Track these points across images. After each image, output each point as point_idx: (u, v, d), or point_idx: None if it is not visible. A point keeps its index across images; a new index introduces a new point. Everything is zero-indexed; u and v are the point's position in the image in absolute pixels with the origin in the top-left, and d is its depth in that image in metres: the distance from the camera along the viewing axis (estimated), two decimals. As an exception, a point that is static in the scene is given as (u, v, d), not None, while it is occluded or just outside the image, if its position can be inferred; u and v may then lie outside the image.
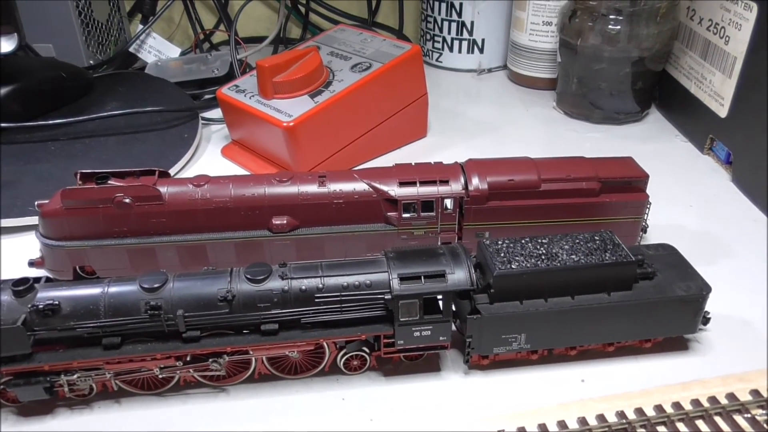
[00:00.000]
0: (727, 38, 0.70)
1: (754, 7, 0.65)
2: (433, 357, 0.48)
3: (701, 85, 0.76)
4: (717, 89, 0.72)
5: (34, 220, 0.59)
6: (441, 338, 0.45)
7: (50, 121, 0.75)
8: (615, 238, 0.47)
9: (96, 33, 0.93)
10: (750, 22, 0.66)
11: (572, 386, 0.46)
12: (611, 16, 0.76)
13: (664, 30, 0.77)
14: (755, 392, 0.41)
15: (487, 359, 0.47)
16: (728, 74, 0.70)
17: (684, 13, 0.79)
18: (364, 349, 0.46)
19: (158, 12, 0.98)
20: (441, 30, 0.99)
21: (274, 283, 0.43)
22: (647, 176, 0.56)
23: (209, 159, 0.76)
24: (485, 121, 0.86)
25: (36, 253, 0.55)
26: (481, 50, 0.98)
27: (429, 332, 0.45)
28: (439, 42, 1.00)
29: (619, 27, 0.76)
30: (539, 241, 0.46)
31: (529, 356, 0.47)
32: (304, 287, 0.43)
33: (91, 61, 0.91)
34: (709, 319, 0.49)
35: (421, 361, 0.48)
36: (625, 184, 0.56)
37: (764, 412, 0.40)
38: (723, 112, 0.71)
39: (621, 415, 0.40)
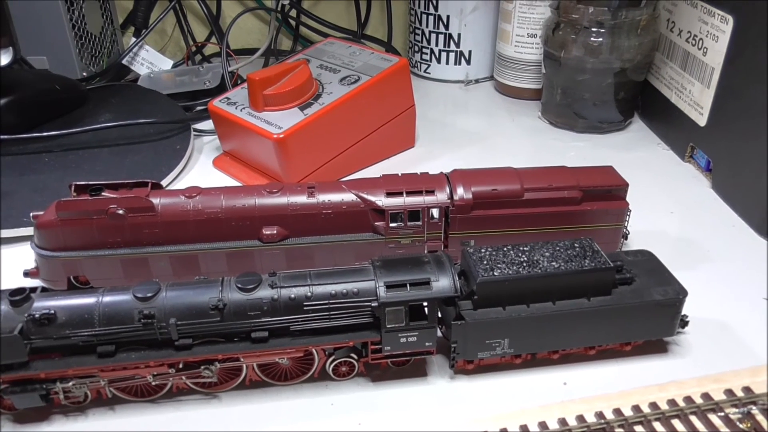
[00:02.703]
0: (705, 49, 0.72)
1: (730, 20, 0.67)
2: (419, 362, 0.49)
3: (681, 94, 0.78)
4: (696, 99, 0.74)
5: (29, 230, 0.60)
6: (427, 344, 0.46)
7: (44, 133, 0.76)
8: (594, 244, 0.49)
9: (89, 45, 0.94)
10: (726, 34, 0.68)
11: (555, 389, 0.47)
12: (593, 29, 0.78)
13: (645, 41, 0.79)
14: (729, 392, 0.43)
15: (472, 364, 0.48)
16: (707, 84, 0.72)
17: (664, 25, 0.81)
18: (352, 355, 0.47)
19: (151, 24, 0.99)
20: (429, 42, 1.00)
21: (264, 292, 0.44)
22: (627, 184, 0.58)
23: (201, 170, 0.78)
24: (472, 131, 0.87)
25: (31, 264, 0.56)
26: (468, 62, 1.00)
27: (415, 338, 0.46)
28: (427, 54, 1.02)
29: (601, 39, 0.78)
30: (521, 248, 0.48)
31: (512, 360, 0.49)
32: (293, 296, 0.44)
33: (85, 74, 0.93)
34: (688, 322, 0.50)
35: (408, 367, 0.49)
36: (606, 192, 0.57)
37: (738, 410, 0.41)
38: (702, 120, 0.73)
39: (599, 415, 0.41)
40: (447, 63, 1.01)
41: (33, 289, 0.44)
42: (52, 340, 0.43)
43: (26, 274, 0.56)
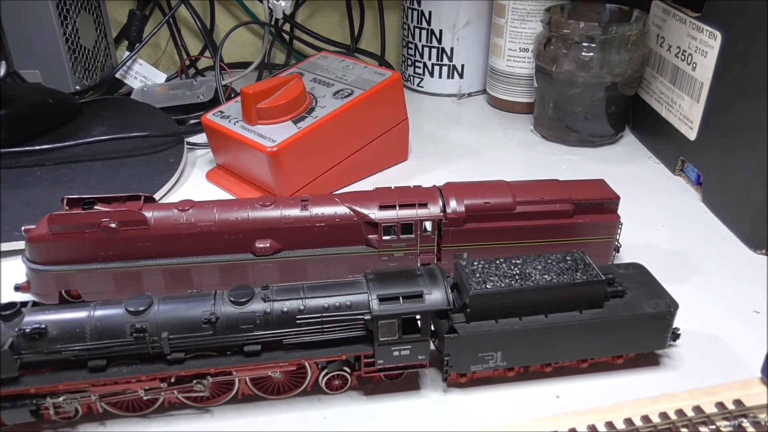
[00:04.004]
0: (694, 65, 0.73)
1: (718, 35, 0.68)
2: (412, 375, 0.49)
3: (671, 109, 0.79)
4: (686, 113, 0.75)
5: (20, 244, 0.60)
6: (420, 357, 0.46)
7: (37, 147, 0.76)
8: (586, 257, 0.49)
9: (83, 59, 0.94)
10: (715, 49, 0.69)
11: (547, 402, 0.47)
12: (584, 44, 0.79)
13: (635, 56, 0.80)
14: (720, 404, 0.43)
15: (465, 377, 0.48)
16: (696, 99, 0.73)
17: (654, 41, 0.82)
18: (345, 368, 0.47)
19: (144, 38, 1.00)
20: (422, 56, 1.01)
21: (257, 306, 0.44)
22: (618, 197, 0.58)
23: (194, 183, 0.78)
24: (465, 144, 0.88)
25: (22, 278, 0.56)
26: (461, 75, 1.01)
27: (408, 351, 0.46)
28: (420, 67, 1.02)
29: (592, 54, 0.79)
30: (513, 261, 0.48)
31: (505, 373, 0.49)
32: (285, 309, 0.44)
33: (78, 87, 0.93)
34: (679, 335, 0.51)
35: (401, 380, 0.49)
36: (597, 205, 0.58)
37: (729, 423, 0.41)
38: (692, 135, 0.74)
39: (592, 428, 0.41)
40: (440, 77, 1.02)
41: (24, 304, 0.44)
42: (43, 354, 0.43)
43: (17, 288, 0.55)
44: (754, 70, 0.63)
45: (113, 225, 0.53)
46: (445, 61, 1.00)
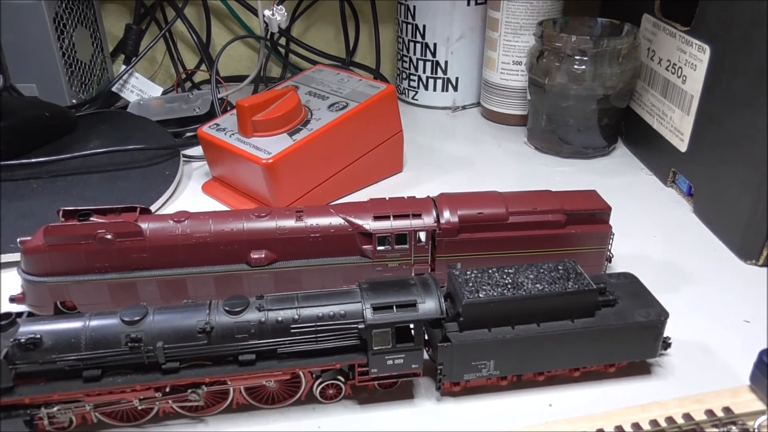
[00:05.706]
0: (684, 78, 0.74)
1: (707, 49, 0.69)
2: (406, 384, 0.50)
3: (662, 121, 0.80)
4: (677, 125, 0.76)
5: (16, 256, 0.60)
6: (413, 366, 0.47)
7: (33, 159, 0.76)
8: (578, 267, 0.49)
9: (79, 73, 0.95)
10: (704, 63, 0.70)
11: (540, 410, 0.48)
12: (576, 57, 0.80)
13: (626, 69, 0.81)
14: (709, 412, 0.43)
15: (458, 386, 0.48)
16: (686, 111, 0.74)
17: (645, 54, 0.83)
18: (340, 378, 0.47)
19: (141, 52, 1.01)
20: (416, 69, 1.02)
21: (252, 315, 0.45)
22: (610, 208, 0.59)
23: (190, 195, 0.78)
24: (459, 156, 0.89)
25: (17, 290, 0.56)
26: (455, 88, 1.02)
27: (402, 360, 0.46)
28: (414, 80, 1.03)
29: (584, 67, 0.80)
30: (506, 271, 0.49)
31: (498, 382, 0.49)
32: (280, 318, 0.45)
33: (74, 101, 0.93)
34: (670, 344, 0.51)
35: (395, 389, 0.49)
36: (589, 216, 0.58)
37: (718, 430, 0.42)
38: (683, 146, 0.75)
39: (584, 436, 0.42)
40: (434, 90, 1.03)
41: (19, 314, 0.44)
42: (37, 364, 0.43)
43: (12, 300, 0.56)
44: (743, 83, 0.64)
45: (109, 236, 0.53)
46: (440, 74, 1.01)
